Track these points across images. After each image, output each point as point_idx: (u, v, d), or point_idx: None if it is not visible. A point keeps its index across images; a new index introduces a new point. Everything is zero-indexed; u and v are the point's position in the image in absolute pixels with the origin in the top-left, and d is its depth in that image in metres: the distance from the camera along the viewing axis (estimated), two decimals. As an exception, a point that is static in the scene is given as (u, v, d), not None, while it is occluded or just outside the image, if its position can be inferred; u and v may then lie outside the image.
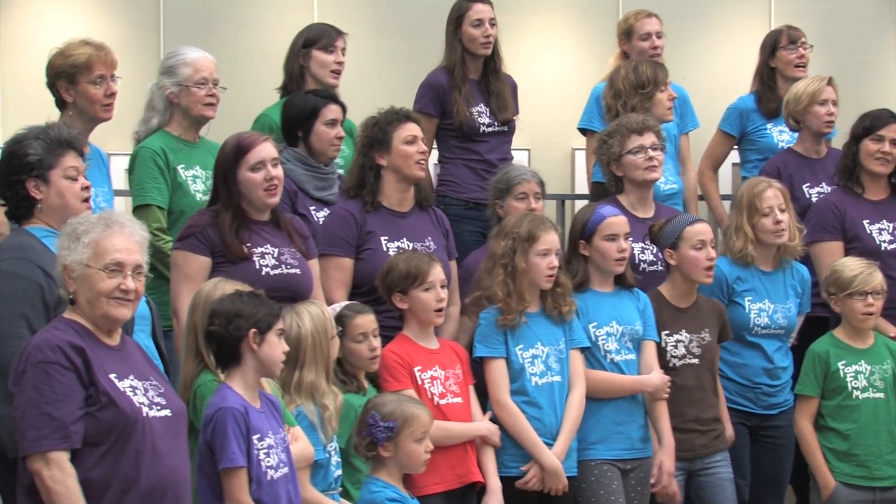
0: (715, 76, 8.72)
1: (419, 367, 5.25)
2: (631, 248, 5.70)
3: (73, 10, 8.47)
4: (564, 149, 8.71)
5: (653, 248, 5.94)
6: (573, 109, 7.39)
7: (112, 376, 4.00)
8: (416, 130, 5.68)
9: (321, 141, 5.93)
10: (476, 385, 5.42)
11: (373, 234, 5.62)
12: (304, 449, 4.59)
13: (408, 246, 5.62)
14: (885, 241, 6.33)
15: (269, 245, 5.18)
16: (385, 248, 5.61)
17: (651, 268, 6.00)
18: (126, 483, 3.94)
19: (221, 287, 4.56)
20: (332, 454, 4.80)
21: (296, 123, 5.96)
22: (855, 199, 6.39)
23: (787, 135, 6.95)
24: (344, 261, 5.59)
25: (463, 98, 6.66)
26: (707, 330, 5.75)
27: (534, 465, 5.34)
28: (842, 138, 6.63)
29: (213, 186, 5.28)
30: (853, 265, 5.96)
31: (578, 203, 7.75)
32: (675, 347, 5.71)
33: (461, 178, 6.69)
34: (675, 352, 5.70)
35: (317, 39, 6.41)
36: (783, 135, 7.01)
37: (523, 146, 8.21)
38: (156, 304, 4.96)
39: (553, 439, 5.37)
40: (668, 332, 5.69)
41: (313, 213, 5.86)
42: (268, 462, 4.20)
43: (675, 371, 5.67)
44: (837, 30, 8.93)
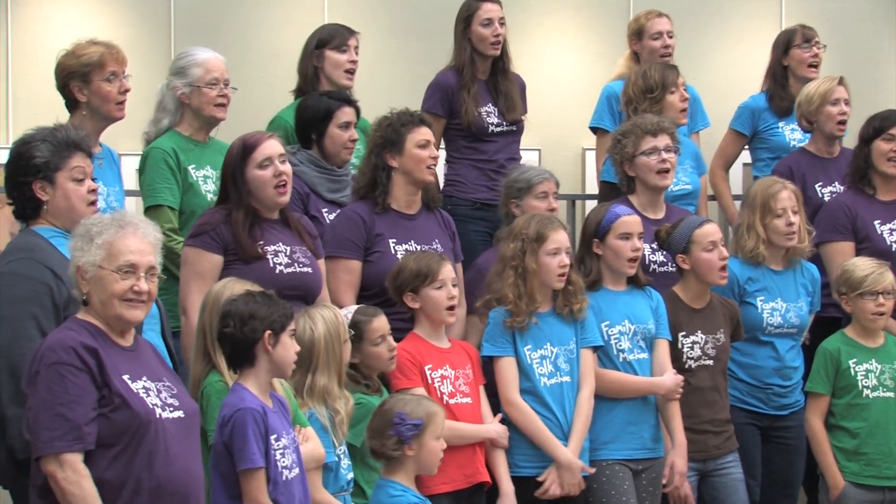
0: (725, 75, 8.71)
1: (430, 366, 5.24)
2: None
3: (82, 9, 8.48)
4: (575, 149, 8.70)
5: (663, 248, 5.94)
6: (583, 109, 7.39)
7: (125, 377, 3.99)
8: (428, 135, 5.67)
9: (335, 143, 5.93)
10: (486, 385, 5.40)
11: (381, 236, 5.60)
12: (315, 449, 4.56)
13: (416, 248, 5.60)
14: (895, 242, 6.33)
15: (281, 243, 5.17)
16: (393, 251, 5.59)
17: (662, 268, 5.98)
18: (139, 484, 3.93)
19: (231, 287, 4.55)
20: (343, 457, 4.78)
21: (309, 125, 5.96)
22: (866, 199, 6.39)
23: (799, 133, 6.93)
24: (352, 263, 5.57)
25: (472, 98, 6.64)
26: (722, 330, 5.73)
27: (550, 470, 5.31)
28: (852, 138, 6.62)
29: (220, 189, 5.27)
30: (864, 265, 5.96)
31: (589, 203, 7.72)
32: (692, 349, 5.69)
33: (469, 179, 6.67)
34: (690, 353, 5.69)
35: (329, 40, 6.40)
36: (795, 133, 6.99)
37: (534, 146, 8.21)
38: (166, 304, 4.94)
39: (564, 440, 5.33)
40: (684, 332, 5.67)
41: (325, 215, 5.85)
42: (283, 462, 4.20)
43: (691, 372, 5.65)
44: (848, 29, 8.93)
